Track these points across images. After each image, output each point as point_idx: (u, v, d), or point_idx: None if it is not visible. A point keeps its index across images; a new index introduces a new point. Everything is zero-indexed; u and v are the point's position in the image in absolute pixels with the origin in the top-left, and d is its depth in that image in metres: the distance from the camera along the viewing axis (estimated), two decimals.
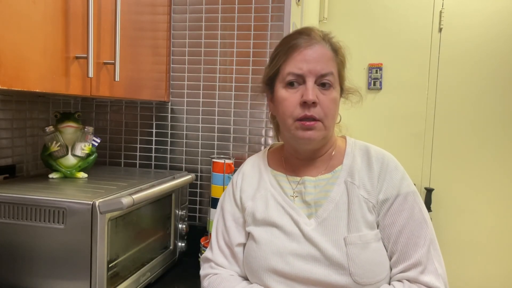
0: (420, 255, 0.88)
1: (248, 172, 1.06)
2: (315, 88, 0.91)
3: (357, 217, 0.92)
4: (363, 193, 0.94)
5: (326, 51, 0.93)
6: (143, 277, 1.13)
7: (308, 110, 0.90)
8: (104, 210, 0.92)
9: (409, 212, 0.92)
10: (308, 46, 0.92)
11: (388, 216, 0.92)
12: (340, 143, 1.03)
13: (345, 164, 0.98)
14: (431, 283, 0.86)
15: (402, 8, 2.49)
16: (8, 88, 0.79)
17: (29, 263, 0.95)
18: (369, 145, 1.02)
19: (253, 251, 0.96)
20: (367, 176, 0.95)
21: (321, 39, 0.93)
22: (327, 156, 1.01)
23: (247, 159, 1.11)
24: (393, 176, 0.95)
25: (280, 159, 1.05)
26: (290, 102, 0.92)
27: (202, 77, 1.46)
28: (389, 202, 0.93)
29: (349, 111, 1.05)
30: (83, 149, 1.19)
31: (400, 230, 0.91)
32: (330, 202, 0.94)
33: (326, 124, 0.92)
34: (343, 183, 0.96)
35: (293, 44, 0.93)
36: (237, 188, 1.05)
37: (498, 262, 2.43)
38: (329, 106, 0.91)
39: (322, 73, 0.91)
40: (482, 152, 2.44)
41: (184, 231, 1.34)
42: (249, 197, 1.01)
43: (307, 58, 0.91)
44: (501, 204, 2.43)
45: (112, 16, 1.06)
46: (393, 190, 0.93)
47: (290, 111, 0.92)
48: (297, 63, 0.92)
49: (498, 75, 2.40)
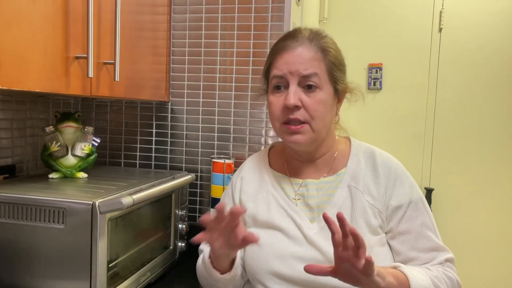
0: (433, 255, 0.93)
1: (248, 172, 1.05)
2: (298, 91, 0.89)
3: (360, 222, 0.91)
4: (368, 198, 0.93)
5: (310, 52, 0.91)
6: (143, 277, 1.13)
7: (292, 113, 0.90)
8: (104, 210, 0.92)
9: (422, 219, 0.94)
10: (291, 49, 0.91)
11: (402, 223, 0.93)
12: (343, 145, 1.02)
13: (349, 167, 0.97)
14: (448, 256, 0.93)
15: (402, 8, 2.49)
16: (8, 88, 0.79)
17: (29, 263, 0.95)
18: (375, 148, 1.00)
19: (255, 253, 0.95)
20: (373, 181, 0.95)
21: (306, 40, 0.92)
22: (329, 157, 0.99)
23: (247, 159, 1.11)
24: (403, 183, 0.95)
25: (282, 160, 1.04)
26: (275, 106, 0.92)
27: (202, 77, 1.46)
28: (402, 209, 0.93)
29: (349, 110, 1.05)
30: (83, 149, 1.19)
31: (416, 237, 0.93)
32: (333, 207, 0.94)
33: (314, 127, 0.90)
34: (346, 187, 0.95)
35: (278, 47, 0.94)
36: (236, 189, 1.04)
37: (498, 262, 2.43)
38: (315, 108, 0.90)
39: (304, 74, 0.89)
40: (482, 152, 2.44)
41: (184, 231, 1.34)
42: (250, 198, 1.01)
43: (288, 60, 0.90)
44: (501, 204, 2.42)
45: (112, 16, 1.06)
46: (406, 197, 0.94)
47: (277, 115, 0.92)
48: (279, 66, 0.92)
49: (498, 75, 2.40)
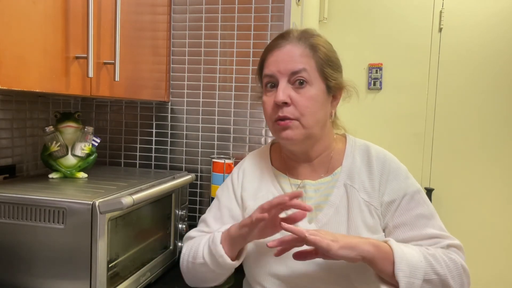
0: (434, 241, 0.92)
1: (250, 169, 1.05)
2: (288, 88, 0.90)
3: (357, 221, 0.91)
4: (363, 196, 0.93)
5: (299, 49, 0.92)
6: (143, 277, 1.13)
7: (281, 111, 0.90)
8: (104, 210, 0.92)
9: (420, 210, 0.93)
10: (280, 47, 0.93)
11: (396, 217, 0.92)
12: (339, 143, 1.01)
13: (345, 166, 0.97)
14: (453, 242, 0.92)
15: (402, 8, 2.49)
16: (8, 88, 0.79)
17: (29, 263, 0.95)
18: (370, 144, 1.00)
19: (253, 254, 0.95)
20: (368, 177, 0.94)
21: (295, 39, 0.93)
22: (325, 157, 0.99)
23: (248, 155, 1.10)
24: (397, 176, 0.94)
25: (281, 158, 1.04)
26: (267, 105, 0.94)
27: (202, 77, 1.46)
28: (396, 203, 0.92)
29: (349, 110, 1.05)
30: (83, 149, 1.19)
31: (412, 228, 0.92)
32: (330, 207, 0.94)
33: (304, 123, 0.90)
34: (342, 186, 0.95)
35: (268, 47, 0.96)
36: (238, 184, 1.04)
37: (499, 262, 2.43)
38: (305, 104, 0.90)
39: (293, 70, 0.90)
40: (482, 152, 2.44)
41: (184, 231, 1.34)
42: (250, 196, 1.00)
43: (278, 58, 0.92)
44: (501, 204, 2.43)
45: (112, 16, 1.06)
46: (399, 191, 0.93)
47: (269, 114, 0.94)
48: (269, 65, 0.93)
49: (498, 75, 2.40)
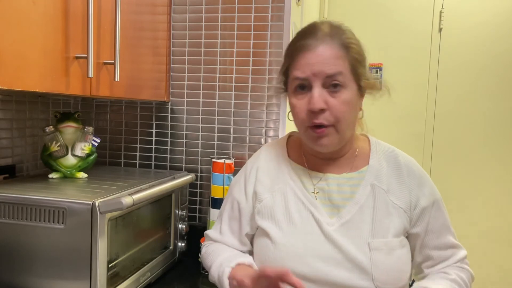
0: (452, 252, 0.95)
1: (266, 162, 1.00)
2: (323, 93, 0.85)
3: (384, 222, 0.89)
4: (392, 198, 0.91)
5: (333, 50, 0.86)
6: (143, 277, 1.13)
7: (316, 117, 0.85)
8: (104, 210, 0.92)
9: (444, 218, 0.96)
10: (312, 48, 0.86)
11: (430, 223, 0.93)
12: (362, 143, 0.98)
13: (372, 166, 0.94)
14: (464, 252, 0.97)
15: (402, 8, 2.49)
16: (8, 88, 0.79)
17: (29, 263, 0.95)
18: (396, 149, 0.99)
19: (270, 251, 0.90)
20: (396, 181, 0.93)
21: (327, 37, 0.87)
22: (350, 155, 0.96)
23: (263, 147, 1.05)
24: (426, 183, 0.95)
25: (300, 152, 0.99)
26: (299, 109, 0.88)
27: (202, 77, 1.46)
28: (428, 209, 0.93)
29: None
30: (83, 149, 1.19)
31: (438, 236, 0.93)
32: (355, 204, 0.90)
33: (339, 128, 0.87)
34: (369, 185, 0.92)
35: (297, 46, 0.88)
36: (250, 179, 0.99)
37: (499, 262, 2.43)
38: (340, 109, 0.85)
39: (329, 73, 0.84)
40: (482, 152, 2.44)
41: (184, 231, 1.34)
42: (267, 189, 0.96)
43: (311, 61, 0.85)
44: (502, 204, 2.42)
45: (112, 16, 1.06)
46: (431, 197, 0.94)
47: (300, 119, 0.88)
48: (301, 67, 0.87)
49: (498, 75, 2.40)
